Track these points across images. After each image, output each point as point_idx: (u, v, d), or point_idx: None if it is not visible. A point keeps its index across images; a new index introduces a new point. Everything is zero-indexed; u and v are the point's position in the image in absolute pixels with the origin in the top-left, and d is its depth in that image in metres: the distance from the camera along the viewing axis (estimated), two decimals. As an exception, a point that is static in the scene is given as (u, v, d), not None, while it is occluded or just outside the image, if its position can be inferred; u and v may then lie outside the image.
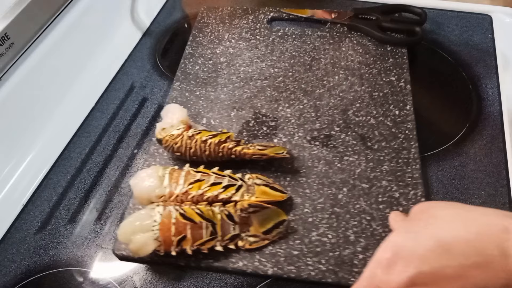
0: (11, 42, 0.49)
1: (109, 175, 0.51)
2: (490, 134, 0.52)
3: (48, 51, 0.56)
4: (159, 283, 0.42)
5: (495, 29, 0.65)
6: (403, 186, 0.46)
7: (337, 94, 0.55)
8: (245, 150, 0.46)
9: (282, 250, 0.42)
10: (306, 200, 0.45)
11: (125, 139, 0.54)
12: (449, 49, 0.63)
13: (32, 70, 0.53)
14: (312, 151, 0.49)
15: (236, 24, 0.65)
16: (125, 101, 0.59)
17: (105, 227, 0.46)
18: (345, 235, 0.43)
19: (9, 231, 0.47)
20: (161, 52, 0.65)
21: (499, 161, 0.50)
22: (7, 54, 0.49)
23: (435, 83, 0.58)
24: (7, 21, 0.49)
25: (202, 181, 0.43)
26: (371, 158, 0.48)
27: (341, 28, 0.63)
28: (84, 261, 0.44)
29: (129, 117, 0.57)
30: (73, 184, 0.50)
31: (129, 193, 0.48)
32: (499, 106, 0.55)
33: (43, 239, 0.46)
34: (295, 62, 0.59)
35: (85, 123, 0.56)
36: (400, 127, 0.51)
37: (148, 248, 0.39)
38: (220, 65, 0.59)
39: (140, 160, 0.52)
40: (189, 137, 0.46)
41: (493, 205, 0.46)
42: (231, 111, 0.54)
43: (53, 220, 0.47)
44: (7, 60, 0.50)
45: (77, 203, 0.48)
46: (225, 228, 0.41)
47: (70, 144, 0.54)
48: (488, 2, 0.71)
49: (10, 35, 0.49)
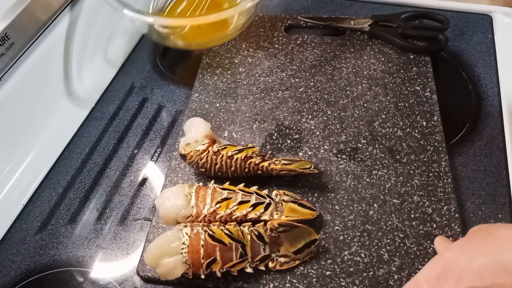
0: (11, 42, 0.49)
1: (109, 175, 0.50)
2: (490, 134, 0.52)
3: (48, 51, 0.55)
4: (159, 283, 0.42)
5: (495, 29, 0.64)
6: (435, 201, 0.44)
7: (362, 104, 0.53)
8: (272, 166, 0.44)
9: (314, 271, 0.40)
10: (336, 217, 0.44)
11: (125, 139, 0.54)
12: (449, 49, 0.62)
13: (32, 70, 0.53)
14: (339, 165, 0.48)
15: (253, 32, 0.63)
16: (125, 101, 0.58)
17: (105, 227, 0.46)
18: (378, 253, 0.41)
19: (9, 231, 0.46)
20: (161, 52, 0.65)
21: (499, 161, 0.49)
22: (7, 54, 0.49)
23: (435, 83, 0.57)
24: (7, 21, 0.48)
25: (229, 200, 0.41)
26: (401, 172, 0.47)
27: (361, 35, 0.61)
28: (84, 261, 0.44)
29: (129, 117, 0.56)
30: (73, 184, 0.50)
31: (148, 208, 0.47)
32: (499, 106, 0.55)
33: (43, 239, 0.45)
34: (316, 72, 0.57)
35: (85, 123, 0.56)
36: (429, 139, 0.49)
37: (177, 272, 0.38)
38: (239, 75, 0.58)
39: (140, 160, 0.52)
40: (214, 153, 0.44)
41: (493, 205, 0.46)
42: (253, 124, 0.52)
43: (53, 220, 0.47)
44: (7, 60, 0.49)
45: (77, 203, 0.48)
46: (255, 249, 0.39)
47: (70, 144, 0.54)
48: (488, 2, 0.70)
49: (10, 35, 0.49)
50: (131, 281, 0.42)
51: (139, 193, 0.49)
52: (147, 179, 0.50)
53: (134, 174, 0.51)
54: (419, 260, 0.41)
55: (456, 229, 0.42)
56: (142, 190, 0.49)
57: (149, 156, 0.52)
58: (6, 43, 0.48)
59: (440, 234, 0.42)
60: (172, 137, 0.54)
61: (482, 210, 0.46)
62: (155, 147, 0.53)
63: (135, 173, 0.51)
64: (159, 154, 0.52)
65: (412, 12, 0.62)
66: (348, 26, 0.62)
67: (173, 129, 0.55)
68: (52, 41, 0.56)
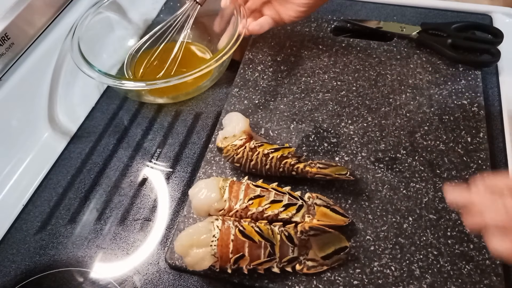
0: (11, 42, 0.49)
1: (109, 175, 0.50)
2: (490, 134, 0.51)
3: (48, 51, 0.55)
4: (159, 283, 0.42)
5: (495, 30, 0.62)
6: (474, 221, 0.43)
7: (404, 114, 0.52)
8: (308, 168, 0.44)
9: (341, 278, 0.40)
10: (368, 227, 0.43)
11: (125, 139, 0.54)
12: (450, 49, 0.59)
13: (32, 70, 0.53)
14: (376, 174, 0.47)
15: (298, 31, 0.63)
16: (125, 101, 0.58)
17: (105, 227, 0.46)
18: (410, 269, 0.40)
19: (9, 231, 0.47)
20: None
21: (499, 161, 0.49)
22: (7, 54, 0.49)
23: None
24: (7, 21, 0.48)
25: (262, 197, 0.41)
26: (440, 187, 0.45)
27: (409, 43, 0.60)
28: (84, 261, 0.44)
29: (129, 117, 0.56)
30: (73, 184, 0.50)
31: (178, 200, 0.48)
32: (499, 106, 0.54)
33: (43, 239, 0.46)
34: (359, 76, 0.56)
35: (85, 123, 0.56)
36: (473, 156, 0.47)
37: (205, 263, 0.38)
38: (281, 74, 0.57)
39: (140, 160, 0.52)
40: (251, 149, 0.44)
41: None
42: (291, 123, 0.52)
43: (53, 220, 0.47)
44: (7, 60, 0.49)
45: (77, 203, 0.48)
46: (284, 250, 0.39)
47: (70, 144, 0.54)
48: (488, 2, 0.68)
49: (10, 35, 0.49)
50: (131, 281, 0.42)
51: (139, 193, 0.49)
52: (147, 179, 0.50)
53: (134, 174, 0.50)
54: (452, 280, 0.39)
55: (494, 253, 0.40)
56: (142, 190, 0.49)
57: (149, 156, 0.52)
58: (6, 43, 0.48)
59: (476, 256, 0.40)
60: (171, 137, 0.53)
61: None
62: (155, 147, 0.53)
63: (135, 173, 0.50)
64: (159, 154, 0.52)
65: (464, 22, 0.60)
66: (396, 32, 0.60)
67: (172, 129, 0.54)
68: (52, 41, 0.56)
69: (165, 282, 0.42)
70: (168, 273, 0.42)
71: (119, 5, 0.63)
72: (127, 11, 0.64)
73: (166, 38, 0.58)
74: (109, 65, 0.60)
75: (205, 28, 0.63)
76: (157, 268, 0.43)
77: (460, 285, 0.39)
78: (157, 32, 0.59)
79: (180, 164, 0.51)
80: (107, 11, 0.61)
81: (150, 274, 0.42)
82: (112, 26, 0.63)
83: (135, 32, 0.65)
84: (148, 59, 0.59)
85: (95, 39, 0.58)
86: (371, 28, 0.62)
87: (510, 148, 0.50)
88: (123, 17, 0.64)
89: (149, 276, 0.42)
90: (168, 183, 0.49)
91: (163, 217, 0.46)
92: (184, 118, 0.56)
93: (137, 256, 0.44)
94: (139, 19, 0.66)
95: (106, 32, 0.62)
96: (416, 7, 0.67)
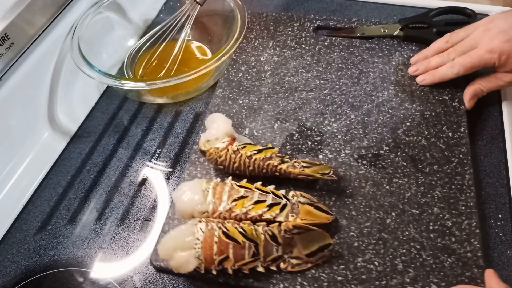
0: (11, 42, 0.49)
1: (109, 175, 0.51)
2: (490, 134, 0.52)
3: (48, 51, 0.55)
4: (159, 283, 0.42)
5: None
6: (456, 215, 0.43)
7: (386, 110, 0.52)
8: (290, 169, 0.44)
9: (325, 275, 0.40)
10: (352, 223, 0.43)
11: (125, 139, 0.54)
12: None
13: (32, 70, 0.53)
14: (359, 171, 0.47)
15: (281, 32, 0.63)
16: (125, 101, 0.58)
17: (105, 227, 0.46)
18: (393, 263, 0.41)
19: (9, 231, 0.47)
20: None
21: (499, 161, 0.49)
22: (7, 54, 0.49)
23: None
24: (7, 21, 0.48)
25: (246, 198, 0.41)
26: (422, 182, 0.46)
27: (390, 40, 0.60)
28: (84, 261, 0.44)
29: (129, 117, 0.57)
30: (73, 184, 0.50)
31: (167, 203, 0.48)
32: (499, 106, 0.54)
33: (43, 239, 0.46)
34: (342, 75, 0.57)
35: (85, 123, 0.56)
36: (454, 150, 0.48)
37: (190, 266, 0.38)
38: (264, 74, 0.58)
39: (139, 160, 0.52)
40: (234, 152, 0.44)
41: (493, 205, 0.46)
42: (275, 123, 0.52)
43: (53, 220, 0.47)
44: (7, 60, 0.50)
45: (77, 203, 0.49)
46: (268, 249, 0.39)
47: (70, 144, 0.54)
48: (488, 2, 0.68)
49: (10, 35, 0.49)
50: (131, 281, 0.42)
51: (139, 193, 0.49)
52: (147, 179, 0.50)
53: (134, 174, 0.51)
54: (434, 273, 0.40)
55: (476, 245, 0.41)
56: (142, 190, 0.49)
57: (149, 156, 0.52)
58: (6, 43, 0.49)
59: (458, 248, 0.41)
60: (171, 137, 0.54)
61: (482, 210, 0.45)
62: (155, 147, 0.53)
63: (135, 173, 0.51)
64: (159, 154, 0.52)
65: (439, 9, 0.61)
66: (379, 34, 0.60)
67: (172, 129, 0.55)
68: (52, 41, 0.56)
69: (165, 282, 0.42)
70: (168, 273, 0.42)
71: (119, 5, 0.63)
72: (127, 11, 0.65)
73: (166, 38, 0.58)
74: (109, 65, 0.60)
75: (205, 28, 0.63)
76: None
77: (442, 277, 0.39)
78: (157, 32, 0.59)
79: (180, 164, 0.51)
80: (107, 11, 0.61)
81: (150, 274, 0.43)
82: (112, 26, 0.63)
83: (135, 32, 0.65)
84: (148, 59, 0.59)
85: (95, 39, 0.58)
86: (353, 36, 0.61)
87: (510, 148, 0.50)
88: (123, 17, 0.64)
89: (149, 276, 0.43)
90: (168, 183, 0.50)
91: (163, 217, 0.47)
92: (184, 118, 0.56)
93: (137, 256, 0.44)
94: (139, 19, 0.66)
95: (106, 32, 0.62)
96: (416, 7, 0.67)
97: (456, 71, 0.50)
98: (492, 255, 0.42)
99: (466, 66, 0.49)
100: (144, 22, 0.67)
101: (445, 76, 0.52)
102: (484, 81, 0.50)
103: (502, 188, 0.47)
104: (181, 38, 0.57)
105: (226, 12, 0.59)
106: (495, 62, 0.47)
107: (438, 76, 0.52)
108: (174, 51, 0.58)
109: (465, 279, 0.39)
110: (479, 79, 0.51)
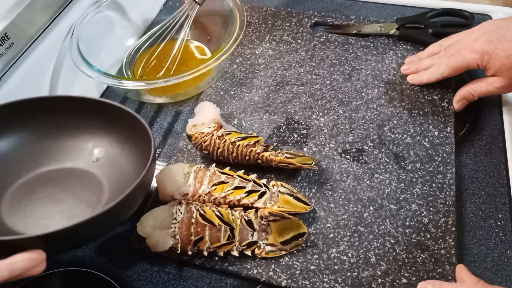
0: (11, 42, 0.49)
1: None
2: (490, 134, 0.52)
3: (48, 51, 0.55)
4: (159, 283, 0.42)
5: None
6: (433, 212, 0.44)
7: (375, 107, 0.53)
8: (272, 157, 0.45)
9: (299, 263, 0.41)
10: (330, 215, 0.44)
11: None
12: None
13: (32, 70, 0.53)
14: (342, 165, 0.48)
15: (278, 26, 0.64)
16: (125, 101, 0.59)
17: None
18: (366, 256, 0.41)
19: None
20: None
21: (499, 161, 0.49)
22: (7, 54, 0.49)
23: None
24: (7, 21, 0.49)
25: (226, 183, 0.42)
26: (403, 179, 0.46)
27: (386, 39, 0.61)
28: (84, 261, 0.44)
29: None
30: None
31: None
32: (499, 106, 0.54)
33: None
34: (334, 71, 0.57)
35: None
36: (438, 150, 0.48)
37: (166, 245, 0.39)
38: (258, 67, 0.59)
39: None
40: (218, 137, 0.45)
41: (493, 205, 0.46)
42: (264, 115, 0.53)
43: None
44: (7, 60, 0.50)
45: None
46: (244, 234, 0.40)
47: None
48: (488, 2, 0.68)
49: (10, 35, 0.49)
50: (131, 281, 0.42)
51: None
52: None
53: None
54: (406, 268, 0.40)
55: (450, 243, 0.41)
56: None
57: None
58: (6, 43, 0.49)
59: (432, 245, 0.41)
60: (172, 137, 0.54)
61: (482, 210, 0.45)
62: None
63: None
64: (159, 154, 0.52)
65: (437, 10, 0.62)
66: (375, 33, 0.61)
67: (172, 129, 0.55)
68: (52, 41, 0.56)
69: (165, 282, 0.42)
70: (167, 273, 0.42)
71: (118, 4, 0.63)
72: (127, 10, 0.65)
73: (166, 38, 0.59)
74: (108, 64, 0.60)
75: (204, 27, 0.64)
76: (157, 268, 0.43)
77: (413, 272, 0.40)
78: (156, 32, 0.60)
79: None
80: (107, 10, 0.61)
81: (150, 274, 0.43)
82: (111, 25, 0.63)
83: (135, 31, 0.66)
84: (147, 58, 0.60)
85: (94, 38, 0.58)
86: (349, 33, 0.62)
87: (510, 148, 0.50)
88: (123, 17, 0.65)
89: (149, 275, 0.43)
90: None
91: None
92: (184, 118, 0.56)
93: (137, 256, 0.44)
94: (139, 18, 0.66)
95: (106, 32, 0.62)
96: (416, 7, 0.67)
97: (441, 71, 0.51)
98: (492, 255, 0.42)
99: (451, 66, 0.50)
100: (143, 21, 0.67)
101: (432, 77, 0.52)
102: (475, 84, 0.51)
103: (502, 188, 0.47)
104: (180, 37, 0.58)
105: (225, 12, 0.59)
106: (478, 62, 0.47)
107: (425, 77, 0.53)
108: (173, 51, 0.58)
109: (436, 275, 0.40)
110: (471, 83, 0.51)
